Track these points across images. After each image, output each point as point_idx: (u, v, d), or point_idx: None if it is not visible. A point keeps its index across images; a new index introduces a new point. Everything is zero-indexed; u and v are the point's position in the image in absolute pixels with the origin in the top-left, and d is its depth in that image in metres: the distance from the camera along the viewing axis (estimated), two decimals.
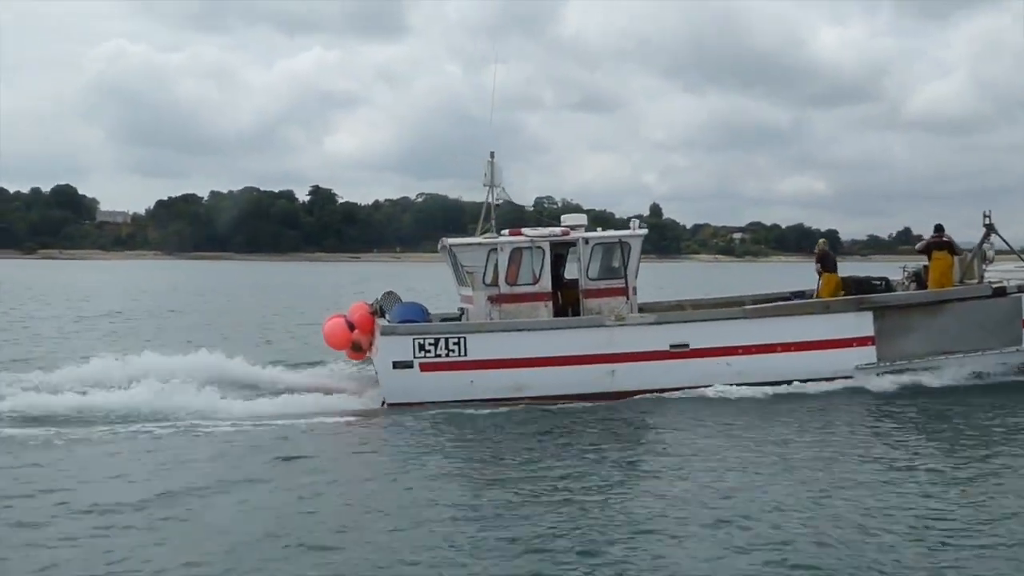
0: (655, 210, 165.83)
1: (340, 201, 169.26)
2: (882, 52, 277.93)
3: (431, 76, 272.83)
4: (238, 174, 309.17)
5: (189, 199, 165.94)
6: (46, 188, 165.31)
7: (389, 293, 19.61)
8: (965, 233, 20.69)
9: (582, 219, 19.77)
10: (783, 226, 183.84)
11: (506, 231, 19.14)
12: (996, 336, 18.73)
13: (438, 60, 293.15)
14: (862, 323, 18.59)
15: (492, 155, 19.50)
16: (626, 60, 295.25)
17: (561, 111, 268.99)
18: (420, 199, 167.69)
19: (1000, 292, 18.77)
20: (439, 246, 19.79)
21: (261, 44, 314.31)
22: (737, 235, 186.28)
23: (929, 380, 18.48)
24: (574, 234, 18.95)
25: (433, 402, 17.42)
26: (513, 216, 19.97)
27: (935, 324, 18.67)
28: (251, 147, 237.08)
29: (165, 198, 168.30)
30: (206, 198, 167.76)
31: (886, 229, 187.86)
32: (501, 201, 19.67)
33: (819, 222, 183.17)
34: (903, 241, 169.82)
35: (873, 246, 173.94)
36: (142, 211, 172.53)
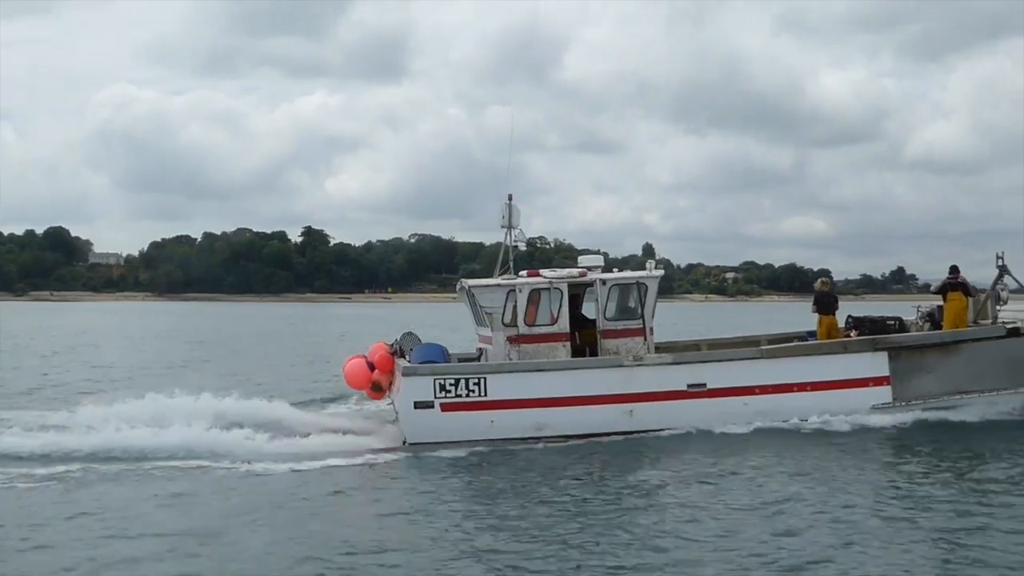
0: (647, 250, 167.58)
1: (333, 242, 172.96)
2: (883, 94, 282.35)
3: (434, 119, 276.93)
4: (242, 217, 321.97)
5: (182, 240, 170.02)
6: (40, 230, 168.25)
7: (409, 334, 20.01)
8: (969, 274, 21.08)
9: (599, 260, 20.30)
10: (776, 265, 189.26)
11: (524, 272, 19.51)
12: (1011, 376, 19.03)
13: (441, 103, 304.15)
14: (877, 363, 18.89)
15: (510, 198, 20.01)
16: (629, 104, 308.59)
17: (565, 153, 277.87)
18: (413, 239, 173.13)
19: (1015, 332, 19.08)
20: (457, 287, 20.22)
21: (266, 88, 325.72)
22: (730, 275, 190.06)
23: (944, 419, 18.74)
24: (591, 275, 19.40)
25: (453, 442, 17.59)
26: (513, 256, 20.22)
27: (950, 364, 18.98)
28: (256, 190, 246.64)
29: (159, 239, 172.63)
30: (199, 239, 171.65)
31: (881, 268, 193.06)
32: (519, 242, 20.04)
33: (820, 262, 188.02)
34: (896, 280, 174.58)
35: (866, 285, 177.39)
36: (136, 253, 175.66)
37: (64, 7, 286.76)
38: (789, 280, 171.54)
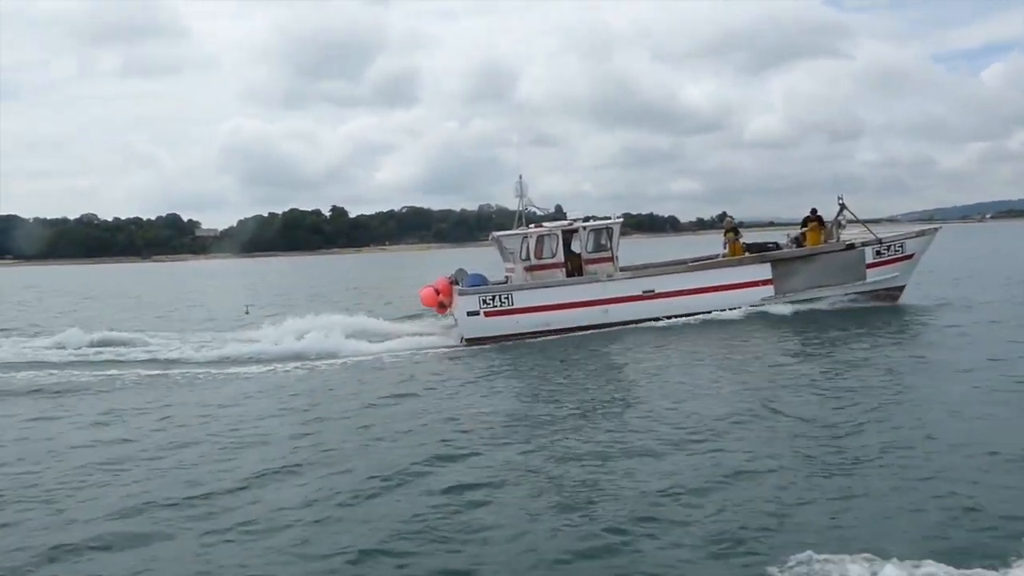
0: (559, 209, 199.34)
1: (352, 215, 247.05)
2: (726, 98, 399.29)
3: (437, 130, 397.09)
4: (319, 201, 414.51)
5: (257, 219, 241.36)
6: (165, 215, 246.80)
7: (460, 269, 28.48)
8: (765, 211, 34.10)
9: (580, 215, 28.67)
10: (641, 214, 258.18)
11: (532, 225, 28.43)
12: (849, 276, 27.98)
13: (441, 120, 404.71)
14: (763, 271, 27.53)
15: (520, 177, 28.39)
16: (562, 112, 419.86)
17: (524, 147, 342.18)
18: (403, 210, 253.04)
19: (851, 247, 28.02)
20: (489, 238, 28.46)
21: (327, 116, 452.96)
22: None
23: (809, 306, 27.39)
24: (577, 224, 27.88)
25: (493, 336, 25.98)
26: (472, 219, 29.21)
27: (811, 269, 27.72)
28: (327, 181, 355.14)
29: (242, 218, 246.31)
30: (266, 215, 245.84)
31: (711, 213, 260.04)
32: (527, 208, 28.58)
33: (688, 213, 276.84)
34: (721, 219, 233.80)
35: (701, 225, 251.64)
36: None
37: (185, 71, 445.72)
38: (649, 224, 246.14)
